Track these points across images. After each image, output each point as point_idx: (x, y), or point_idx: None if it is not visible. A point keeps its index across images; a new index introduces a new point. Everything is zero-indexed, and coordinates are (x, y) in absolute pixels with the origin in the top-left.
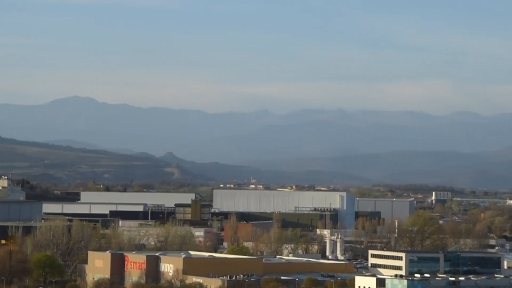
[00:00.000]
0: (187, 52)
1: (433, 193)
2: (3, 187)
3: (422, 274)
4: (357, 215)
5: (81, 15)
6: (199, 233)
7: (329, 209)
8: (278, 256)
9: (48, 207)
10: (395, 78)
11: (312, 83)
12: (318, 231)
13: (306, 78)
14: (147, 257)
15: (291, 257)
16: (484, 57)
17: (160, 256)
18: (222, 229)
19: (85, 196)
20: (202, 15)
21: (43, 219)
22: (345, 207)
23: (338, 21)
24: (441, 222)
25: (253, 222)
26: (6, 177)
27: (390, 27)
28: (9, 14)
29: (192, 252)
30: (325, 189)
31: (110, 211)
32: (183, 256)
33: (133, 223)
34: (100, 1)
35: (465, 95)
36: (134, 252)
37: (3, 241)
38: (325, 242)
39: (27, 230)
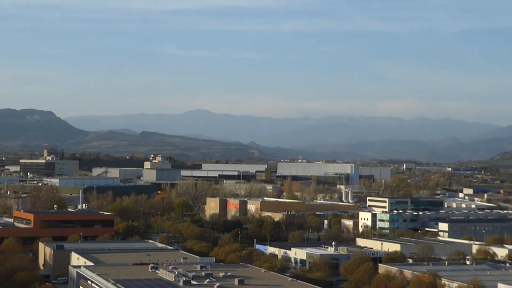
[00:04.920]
0: (267, 81)
1: (404, 164)
2: (158, 161)
3: (397, 210)
4: (360, 177)
5: (203, 64)
6: (269, 187)
7: (344, 173)
8: (314, 201)
9: (184, 172)
10: (383, 98)
11: (336, 101)
12: (337, 186)
13: (333, 97)
14: (240, 201)
15: (322, 201)
16: (437, 84)
17: (247, 200)
18: (282, 185)
19: (205, 166)
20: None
21: (181, 179)
22: (353, 172)
23: (346, 62)
24: (408, 181)
25: (300, 181)
26: (160, 155)
27: (381, 67)
28: (164, 59)
29: (265, 198)
30: (342, 162)
31: (219, 175)
32: (260, 200)
33: (232, 182)
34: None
35: (423, 107)
36: (232, 198)
37: (160, 192)
38: (342, 193)
39: (172, 185)
